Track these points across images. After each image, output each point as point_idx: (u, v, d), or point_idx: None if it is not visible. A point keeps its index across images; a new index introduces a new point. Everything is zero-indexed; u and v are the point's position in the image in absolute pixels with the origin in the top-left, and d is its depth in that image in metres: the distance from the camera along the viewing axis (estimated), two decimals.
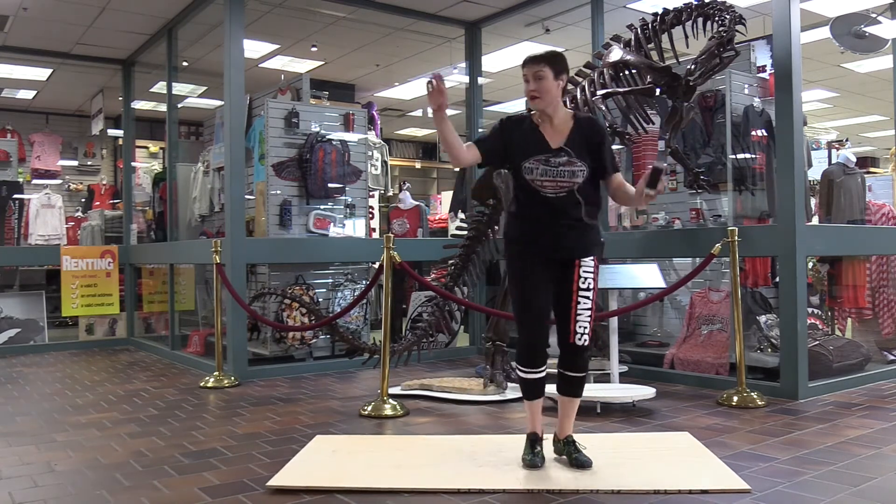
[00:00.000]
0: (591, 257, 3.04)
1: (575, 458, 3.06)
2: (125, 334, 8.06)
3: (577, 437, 3.15)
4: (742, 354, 4.42)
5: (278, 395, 4.97)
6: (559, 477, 2.95)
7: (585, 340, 2.99)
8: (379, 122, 8.69)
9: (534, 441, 3.11)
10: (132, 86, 8.39)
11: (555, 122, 3.05)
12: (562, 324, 3.03)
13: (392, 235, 4.51)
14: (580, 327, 2.98)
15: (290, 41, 7.82)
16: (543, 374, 3.06)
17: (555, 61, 2.99)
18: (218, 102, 7.53)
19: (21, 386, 5.46)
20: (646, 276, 4.82)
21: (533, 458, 3.06)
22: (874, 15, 5.95)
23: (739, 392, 4.37)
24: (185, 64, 7.87)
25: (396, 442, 3.69)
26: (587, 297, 2.99)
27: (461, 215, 7.20)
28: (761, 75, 5.48)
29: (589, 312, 3.00)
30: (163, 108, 8.03)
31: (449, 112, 2.97)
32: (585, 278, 3.00)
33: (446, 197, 9.62)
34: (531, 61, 3.00)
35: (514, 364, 3.07)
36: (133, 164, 8.77)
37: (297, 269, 6.13)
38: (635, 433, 3.74)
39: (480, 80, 7.15)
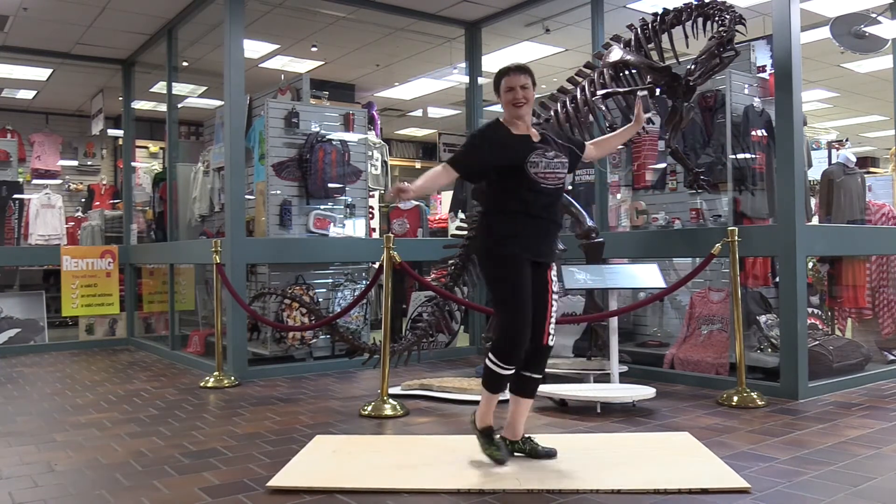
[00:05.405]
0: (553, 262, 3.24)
1: (543, 451, 3.17)
2: (125, 334, 8.06)
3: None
4: (742, 354, 4.42)
5: (278, 395, 4.97)
6: (559, 477, 2.95)
7: (553, 341, 3.13)
8: (379, 122, 8.67)
9: (492, 434, 3.18)
10: (132, 86, 8.39)
11: (525, 124, 3.19)
12: (534, 326, 3.07)
13: (392, 235, 4.51)
14: (552, 328, 3.12)
15: (290, 41, 7.82)
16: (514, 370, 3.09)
17: (532, 74, 3.20)
18: (218, 102, 7.52)
19: (21, 386, 5.46)
20: (646, 276, 4.83)
21: (502, 452, 3.13)
22: (874, 15, 5.95)
23: (739, 392, 4.37)
24: (185, 64, 7.87)
25: (396, 442, 3.69)
26: (555, 301, 3.18)
27: (461, 215, 7.19)
28: (761, 75, 5.48)
29: (556, 315, 3.17)
30: (163, 108, 8.03)
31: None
32: (555, 282, 3.19)
33: (446, 197, 9.61)
34: (519, 72, 3.15)
35: (490, 359, 3.04)
36: (133, 164, 8.77)
37: (297, 269, 6.12)
38: (635, 433, 3.74)
39: (480, 80, 7.15)
